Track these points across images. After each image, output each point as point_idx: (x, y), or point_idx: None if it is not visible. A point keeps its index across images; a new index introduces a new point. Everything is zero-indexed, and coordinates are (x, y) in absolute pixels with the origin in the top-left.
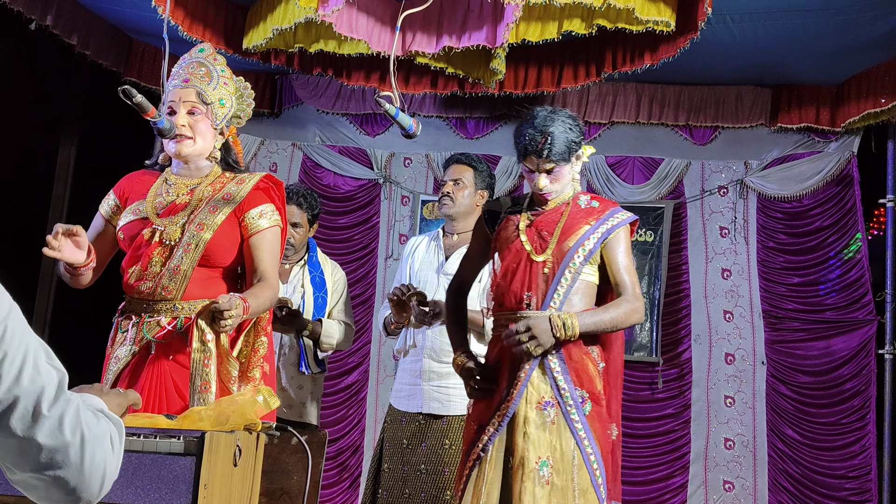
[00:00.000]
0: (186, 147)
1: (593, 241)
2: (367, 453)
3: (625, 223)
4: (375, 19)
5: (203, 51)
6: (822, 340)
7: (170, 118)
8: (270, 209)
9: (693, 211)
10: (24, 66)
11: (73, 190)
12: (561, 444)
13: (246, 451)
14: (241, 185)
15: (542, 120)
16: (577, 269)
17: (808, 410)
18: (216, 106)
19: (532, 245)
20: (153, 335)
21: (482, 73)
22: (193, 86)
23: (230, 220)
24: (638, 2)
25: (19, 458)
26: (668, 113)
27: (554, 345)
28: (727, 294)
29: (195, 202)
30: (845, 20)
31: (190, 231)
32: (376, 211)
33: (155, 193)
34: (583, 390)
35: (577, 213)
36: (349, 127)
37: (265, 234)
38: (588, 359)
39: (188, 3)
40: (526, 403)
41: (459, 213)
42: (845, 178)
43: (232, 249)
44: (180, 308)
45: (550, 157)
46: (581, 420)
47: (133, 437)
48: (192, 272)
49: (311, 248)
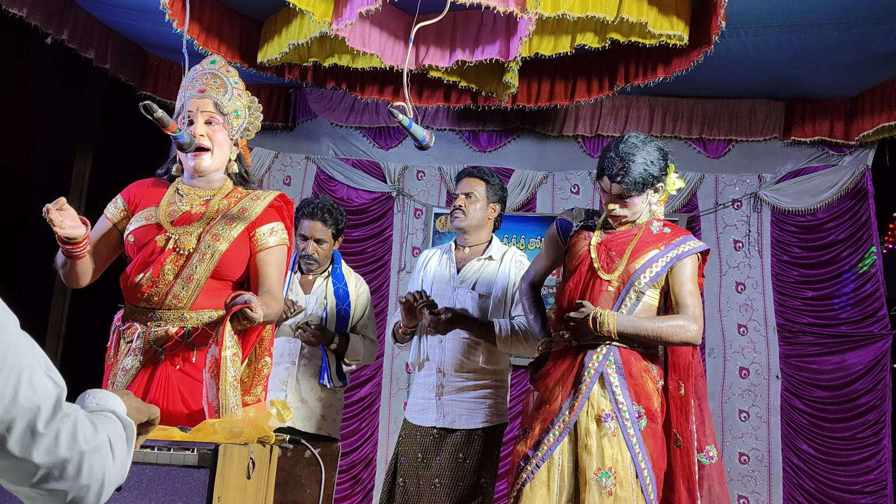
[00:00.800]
0: (205, 161)
1: (660, 265)
2: (380, 466)
3: (695, 251)
4: (388, 33)
5: (215, 62)
6: (837, 355)
7: (189, 131)
8: (280, 227)
9: (707, 224)
10: (39, 80)
11: (89, 203)
12: (622, 457)
13: (259, 463)
14: (256, 202)
15: (628, 147)
16: (641, 289)
17: (822, 425)
18: (232, 117)
19: (600, 262)
20: (162, 345)
21: (495, 86)
22: (210, 96)
23: (243, 234)
24: (651, 15)
25: (17, 475)
26: (682, 126)
27: (595, 338)
28: (741, 308)
29: (211, 213)
30: (859, 34)
31: (206, 241)
32: (389, 224)
33: (168, 202)
34: (640, 406)
35: (648, 237)
36: (362, 140)
37: (273, 251)
38: (647, 376)
39: (203, 17)
40: (587, 416)
41: (471, 226)
42: (860, 192)
43: (243, 263)
44: (188, 317)
45: (623, 184)
46: (636, 434)
47: (147, 450)
48: (205, 282)
49: (335, 261)
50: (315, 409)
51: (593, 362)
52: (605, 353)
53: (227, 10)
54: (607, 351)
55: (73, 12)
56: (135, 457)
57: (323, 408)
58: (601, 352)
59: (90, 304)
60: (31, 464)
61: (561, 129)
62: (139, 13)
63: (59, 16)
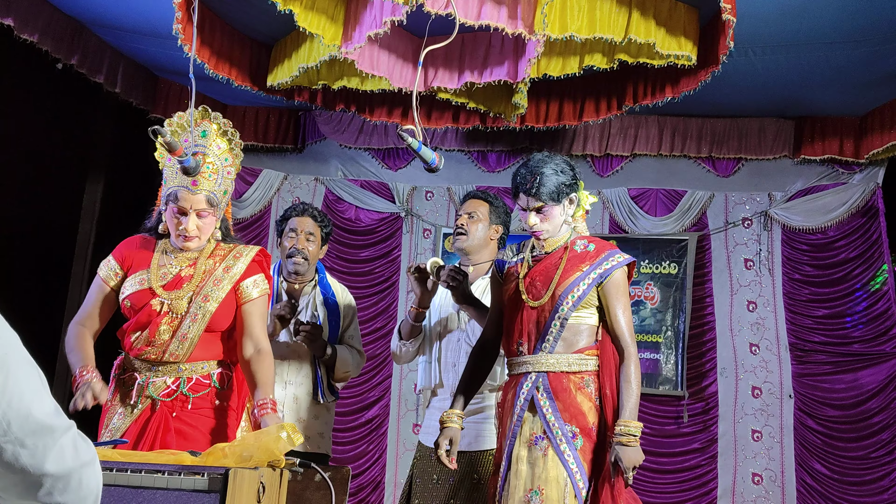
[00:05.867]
0: (193, 244)
1: (583, 287)
2: (388, 489)
3: (620, 265)
4: (397, 56)
5: (205, 135)
6: (850, 373)
7: (196, 159)
8: (261, 279)
9: (717, 243)
10: (51, 104)
11: (100, 227)
12: (555, 474)
13: (270, 487)
14: (239, 260)
15: (535, 162)
16: (565, 314)
17: (836, 444)
18: (222, 202)
19: (527, 293)
20: (159, 394)
21: (504, 107)
22: (202, 190)
23: (229, 291)
24: (659, 36)
25: (23, 489)
26: (691, 145)
27: None
28: (753, 326)
29: (199, 274)
30: (868, 52)
31: (196, 303)
32: (398, 244)
33: (158, 265)
34: (573, 426)
35: (573, 258)
36: (371, 161)
37: (256, 302)
38: (581, 394)
39: (214, 42)
40: (520, 442)
41: (473, 246)
42: (870, 210)
43: (230, 316)
44: (184, 369)
45: (539, 196)
46: (572, 453)
47: (158, 474)
48: (199, 339)
49: (320, 270)
50: (312, 428)
51: (524, 390)
52: (533, 379)
53: (238, 35)
54: (535, 377)
55: (83, 37)
56: (146, 481)
57: (319, 425)
58: (531, 379)
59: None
60: (40, 476)
61: (570, 149)
62: (150, 38)
63: (69, 41)
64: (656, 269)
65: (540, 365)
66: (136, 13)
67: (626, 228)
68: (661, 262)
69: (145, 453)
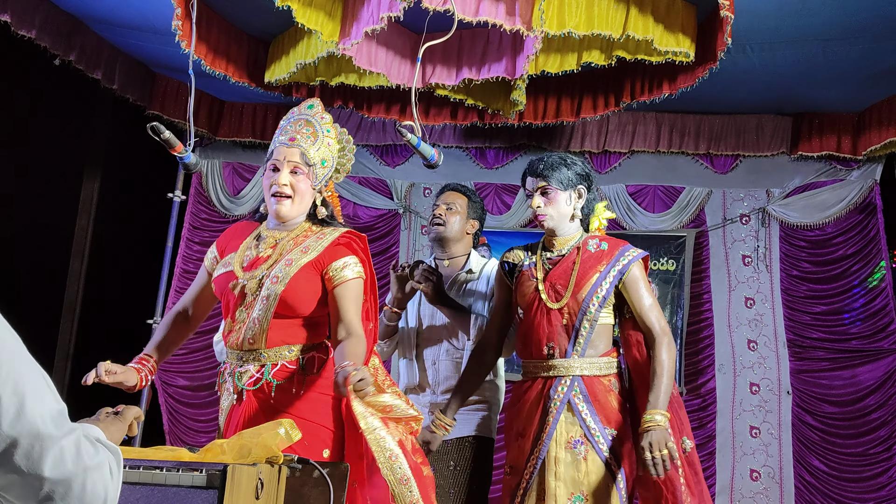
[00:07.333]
0: (285, 207)
1: (605, 286)
2: None
3: (636, 260)
4: (395, 52)
5: (312, 107)
6: (848, 370)
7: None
8: (354, 261)
9: (715, 239)
10: (48, 100)
11: (96, 222)
12: (597, 478)
13: (268, 483)
14: (321, 240)
15: (549, 154)
16: (594, 316)
17: (834, 441)
18: (318, 167)
19: (548, 296)
20: (244, 383)
21: (502, 104)
22: (298, 146)
23: (308, 272)
24: (657, 33)
25: (23, 491)
26: (689, 142)
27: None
28: (751, 323)
29: (276, 255)
30: (866, 49)
31: (266, 284)
32: (396, 240)
33: (245, 247)
34: (612, 428)
35: (588, 259)
36: (369, 158)
37: (349, 284)
38: (611, 395)
39: (211, 38)
40: (556, 445)
41: (449, 237)
42: (868, 206)
43: (310, 301)
44: (266, 356)
45: (544, 176)
46: (612, 457)
47: (155, 471)
48: (270, 323)
49: None
50: None
51: (559, 393)
52: (569, 383)
53: (235, 31)
54: (571, 381)
55: (81, 34)
56: (143, 477)
57: None
58: (565, 382)
59: (98, 324)
60: (38, 478)
61: (568, 145)
62: (148, 34)
63: (67, 37)
64: (654, 266)
65: (574, 369)
66: (134, 9)
67: (624, 225)
68: (659, 259)
69: (143, 449)
